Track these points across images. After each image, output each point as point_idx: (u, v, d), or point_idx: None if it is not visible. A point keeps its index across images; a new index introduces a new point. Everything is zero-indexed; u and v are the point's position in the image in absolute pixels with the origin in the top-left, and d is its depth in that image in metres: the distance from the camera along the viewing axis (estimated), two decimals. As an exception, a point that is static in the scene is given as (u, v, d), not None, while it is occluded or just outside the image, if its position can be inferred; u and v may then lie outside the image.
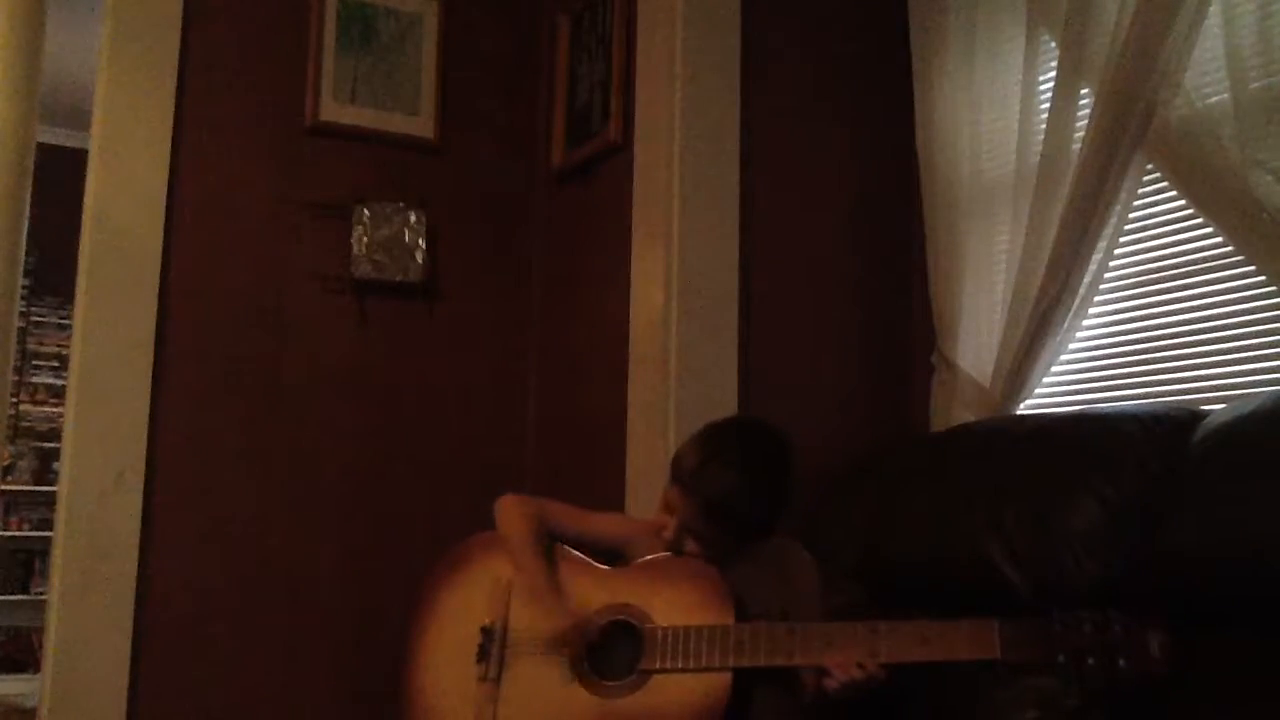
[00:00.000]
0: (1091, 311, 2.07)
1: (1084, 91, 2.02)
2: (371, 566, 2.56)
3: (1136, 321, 2.05)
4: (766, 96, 2.38)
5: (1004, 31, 2.27)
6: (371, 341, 2.63)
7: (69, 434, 2.33)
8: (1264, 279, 1.80)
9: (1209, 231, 1.90)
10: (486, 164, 2.82)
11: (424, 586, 1.85)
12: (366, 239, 2.59)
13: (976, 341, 2.25)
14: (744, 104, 2.34)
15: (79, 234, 2.39)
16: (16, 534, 5.63)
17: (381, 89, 2.67)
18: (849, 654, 1.51)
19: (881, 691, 1.52)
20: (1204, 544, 1.51)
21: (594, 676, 1.65)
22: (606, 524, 1.86)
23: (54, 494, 2.45)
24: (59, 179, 3.45)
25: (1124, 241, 2.03)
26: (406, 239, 2.63)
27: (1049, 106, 2.08)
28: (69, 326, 2.81)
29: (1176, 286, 1.97)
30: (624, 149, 2.46)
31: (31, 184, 2.42)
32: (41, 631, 2.46)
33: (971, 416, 2.21)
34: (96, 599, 2.28)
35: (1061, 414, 2.08)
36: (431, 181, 2.71)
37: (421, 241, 2.64)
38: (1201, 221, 1.91)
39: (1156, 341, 2.01)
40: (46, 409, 5.66)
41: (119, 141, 2.40)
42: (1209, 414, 1.69)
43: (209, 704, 2.39)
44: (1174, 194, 1.96)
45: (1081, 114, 2.02)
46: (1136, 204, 1.99)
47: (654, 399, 2.25)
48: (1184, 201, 1.94)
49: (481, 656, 1.72)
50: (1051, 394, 2.19)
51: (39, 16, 2.41)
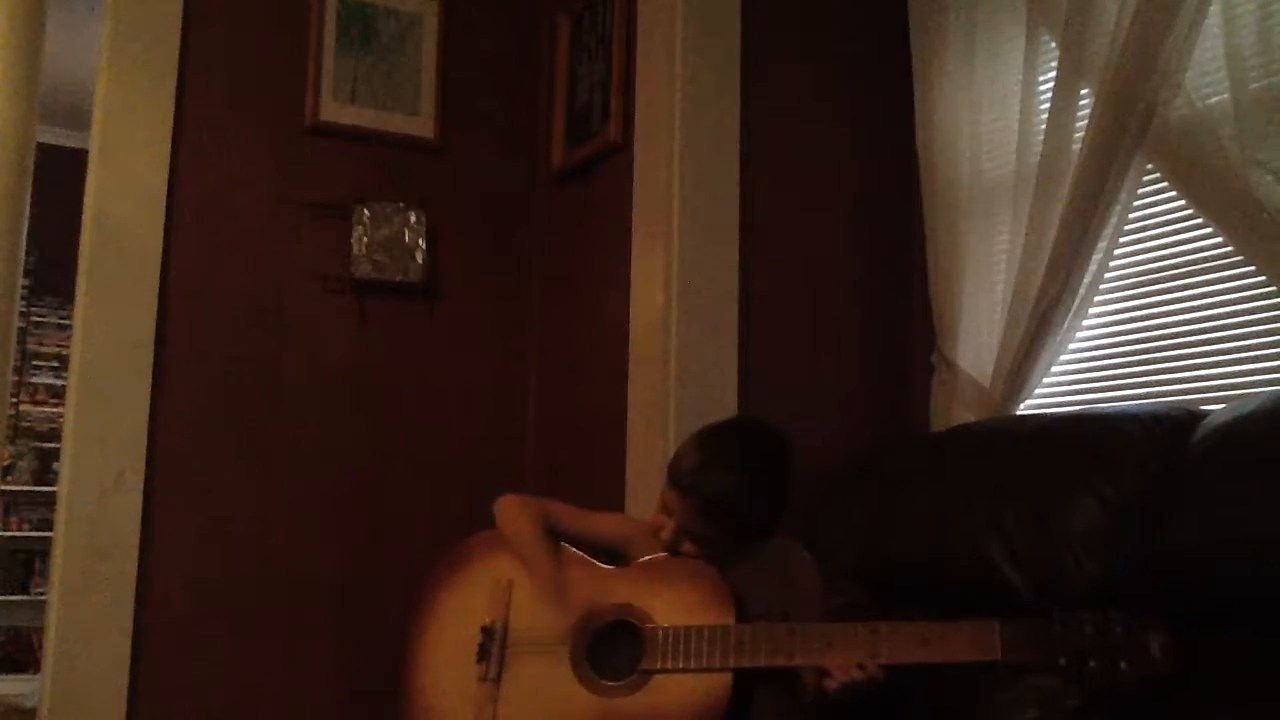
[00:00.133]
0: (1091, 312, 2.07)
1: (1084, 92, 2.02)
2: (371, 566, 2.56)
3: (1136, 322, 2.05)
4: (766, 96, 2.38)
5: (1004, 31, 2.27)
6: (371, 342, 2.63)
7: (69, 434, 2.33)
8: (1264, 279, 1.80)
9: (1209, 232, 1.90)
10: (486, 164, 2.81)
11: (424, 586, 1.85)
12: (366, 239, 2.59)
13: (976, 341, 2.25)
14: (744, 104, 2.34)
15: (79, 234, 2.39)
16: (16, 534, 5.62)
17: (381, 89, 2.67)
18: (849, 655, 1.51)
19: (882, 692, 1.52)
20: (1204, 544, 1.51)
21: (594, 676, 1.65)
22: (606, 524, 1.85)
23: (54, 494, 2.45)
24: (59, 179, 3.45)
25: (1124, 241, 2.03)
26: (406, 239, 2.63)
27: (1049, 106, 2.08)
28: (69, 327, 2.81)
29: (1176, 287, 1.97)
30: (624, 149, 2.46)
31: (31, 184, 2.42)
32: (41, 632, 2.46)
33: (971, 417, 2.21)
34: (96, 599, 2.28)
35: (1061, 414, 2.08)
36: (431, 181, 2.71)
37: (421, 241, 2.64)
38: (1201, 222, 1.91)
39: (1156, 342, 2.01)
40: (46, 409, 5.66)
41: (119, 141, 2.40)
42: (1209, 414, 1.69)
43: (209, 704, 2.39)
44: (1174, 194, 1.96)
45: (1081, 114, 2.02)
46: (1136, 204, 1.99)
47: (654, 399, 2.25)
48: (1184, 202, 1.94)
49: (482, 656, 1.72)
50: (1051, 394, 2.19)
51: (39, 16, 2.41)
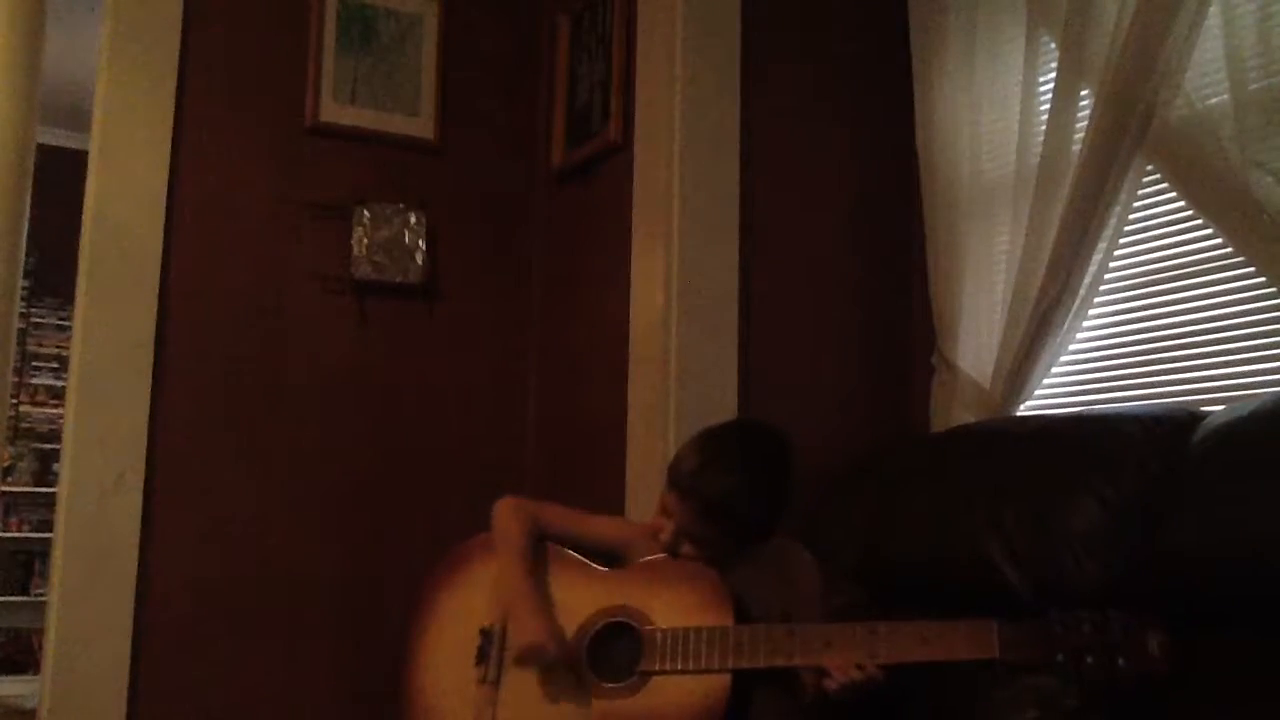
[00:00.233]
0: (1092, 312, 2.07)
1: (1084, 92, 2.02)
2: (371, 566, 2.56)
3: (1137, 323, 2.04)
4: (766, 96, 2.38)
5: (1004, 32, 2.27)
6: (371, 342, 2.63)
7: (69, 435, 2.33)
8: (1264, 280, 1.80)
9: (1209, 233, 1.90)
10: (486, 164, 2.81)
11: (424, 587, 1.85)
12: (366, 240, 2.59)
13: (976, 342, 2.25)
14: (744, 104, 2.34)
15: (79, 235, 2.39)
16: (16, 535, 5.62)
17: (381, 89, 2.67)
18: (848, 655, 1.51)
19: (881, 692, 1.51)
20: (1204, 544, 1.51)
21: (594, 678, 1.65)
22: (604, 527, 1.85)
23: (54, 495, 2.45)
24: (59, 180, 3.45)
25: (1124, 242, 2.03)
26: (406, 240, 2.63)
27: (1049, 107, 2.08)
28: (69, 327, 2.81)
29: (1176, 287, 1.97)
30: (624, 149, 2.46)
31: (31, 185, 2.42)
32: (41, 633, 2.46)
33: (971, 417, 2.21)
34: (96, 600, 2.28)
35: (1062, 415, 2.08)
36: (431, 182, 2.71)
37: (421, 242, 2.64)
38: (1201, 223, 1.91)
39: (1156, 343, 2.01)
40: (46, 410, 5.66)
41: (119, 142, 2.40)
42: (1209, 415, 1.69)
43: (209, 704, 2.39)
44: (1174, 195, 1.96)
45: (1081, 115, 2.02)
46: (1136, 205, 1.99)
47: (654, 399, 2.25)
48: (1183, 202, 1.93)
49: (481, 658, 1.72)
50: (1052, 395, 2.19)
51: (39, 17, 2.41)
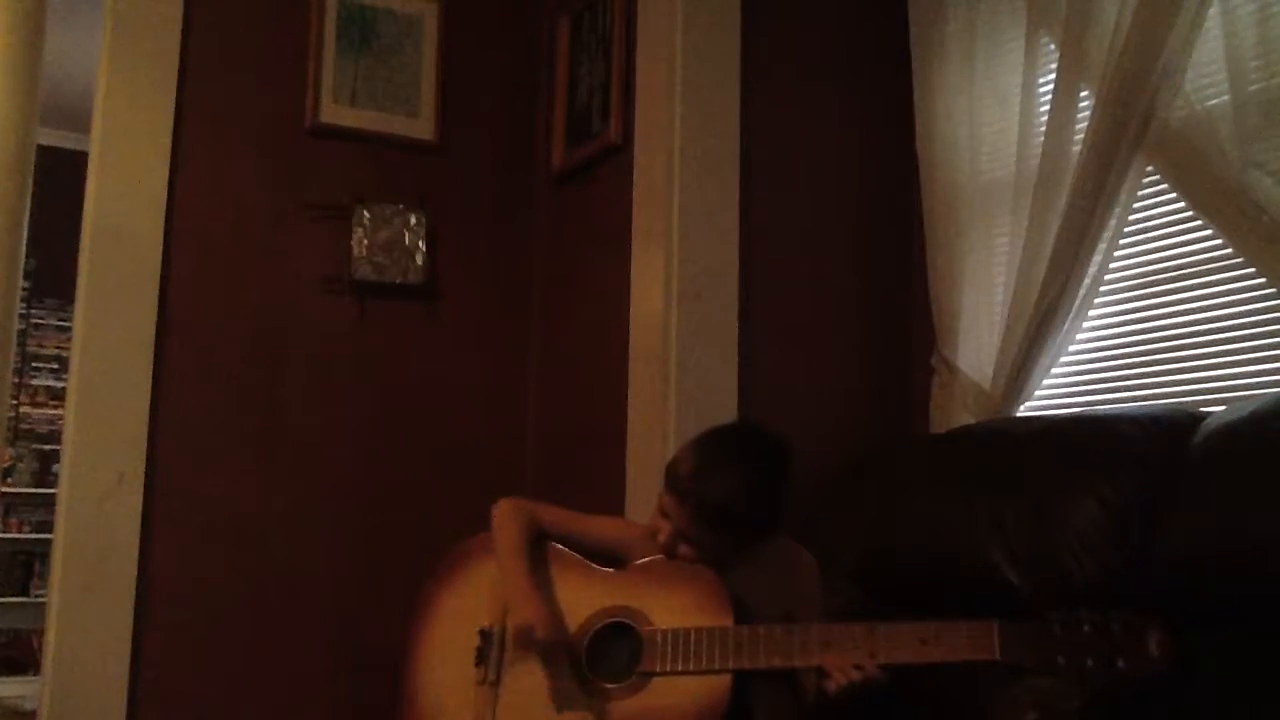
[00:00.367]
0: (1092, 313, 2.07)
1: (1084, 93, 2.02)
2: (372, 567, 2.56)
3: (1136, 323, 2.05)
4: (766, 97, 2.38)
5: (1004, 33, 2.28)
6: (372, 343, 2.63)
7: (69, 436, 2.33)
8: (1263, 280, 1.80)
9: (1208, 233, 1.90)
10: (486, 165, 2.81)
11: (424, 588, 1.84)
12: (367, 241, 2.59)
13: (977, 343, 2.25)
14: (744, 104, 2.34)
15: (79, 236, 2.39)
16: (16, 536, 5.63)
17: (382, 90, 2.67)
18: (848, 655, 1.51)
19: (881, 693, 1.51)
20: (1204, 544, 1.51)
21: (593, 679, 1.65)
22: (603, 527, 1.85)
23: (54, 496, 2.45)
24: (59, 180, 3.45)
25: (1124, 243, 2.03)
26: (406, 240, 2.63)
27: (1049, 107, 2.08)
28: (69, 328, 2.81)
29: (1176, 288, 1.97)
30: (624, 150, 2.46)
31: (32, 185, 2.42)
32: (41, 634, 2.46)
33: (972, 418, 2.21)
34: (96, 601, 2.28)
35: (1062, 416, 2.08)
36: (431, 183, 2.71)
37: (421, 243, 2.64)
38: (1201, 223, 1.91)
39: (1156, 343, 2.01)
40: (46, 411, 5.66)
41: (119, 143, 2.40)
42: (1209, 415, 1.69)
43: (209, 705, 2.38)
44: (1173, 196, 1.96)
45: (1081, 115, 2.02)
46: (1136, 205, 1.99)
47: (654, 399, 2.25)
48: (1183, 203, 1.93)
49: (480, 659, 1.72)
50: (1052, 396, 2.19)
51: (39, 17, 2.41)
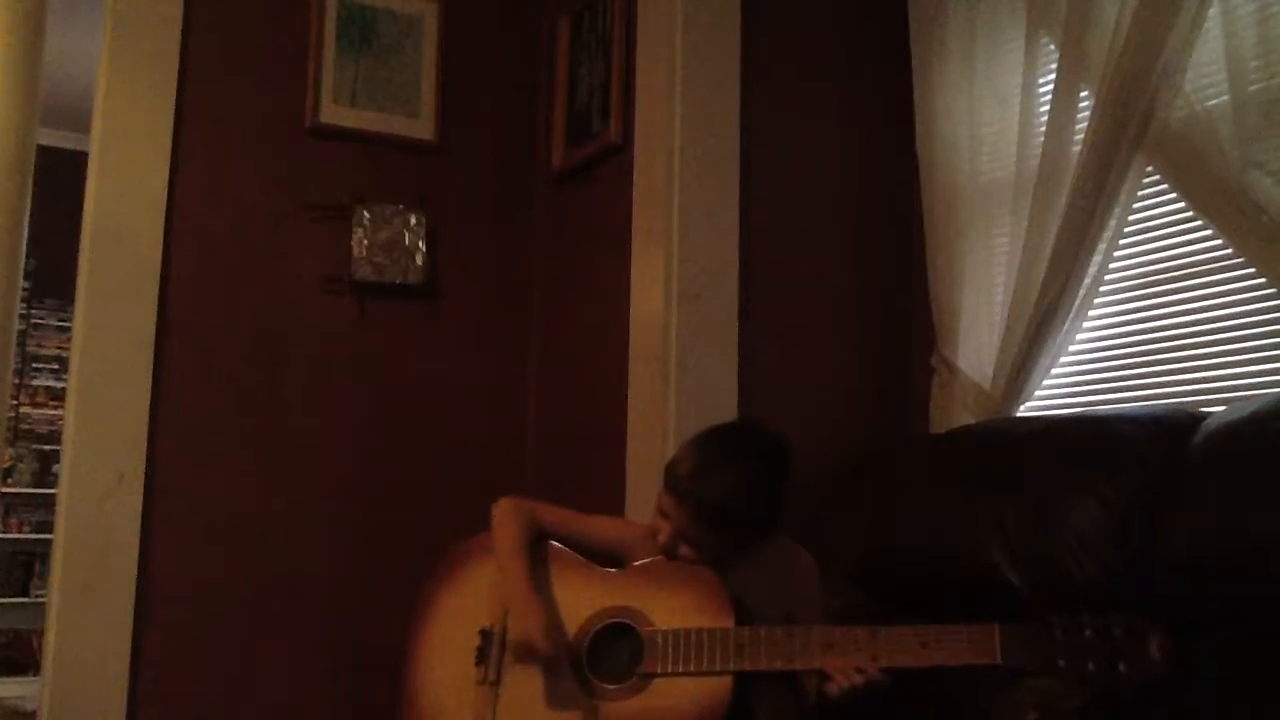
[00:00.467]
0: (1092, 313, 2.07)
1: (1083, 93, 2.02)
2: (372, 567, 2.56)
3: (1137, 324, 2.04)
4: (766, 96, 2.38)
5: (1004, 33, 2.27)
6: (372, 343, 2.63)
7: (69, 436, 2.33)
8: (1263, 281, 1.80)
9: (1208, 233, 1.90)
10: (487, 165, 2.81)
11: (424, 587, 1.84)
12: (367, 241, 2.59)
13: (977, 343, 2.25)
14: (744, 104, 2.34)
15: (79, 236, 2.38)
16: (16, 536, 5.62)
17: (381, 90, 2.67)
18: (849, 657, 1.51)
19: (883, 696, 1.51)
20: (1204, 545, 1.51)
21: (594, 679, 1.64)
22: (603, 527, 1.85)
23: (54, 496, 2.45)
24: (59, 181, 3.45)
25: (1124, 243, 2.03)
26: (406, 241, 2.63)
27: (1049, 108, 2.08)
28: (69, 329, 2.81)
29: (1176, 288, 1.97)
30: (624, 150, 2.46)
31: (32, 186, 2.42)
32: (41, 634, 2.46)
33: (972, 418, 2.21)
34: (97, 601, 2.28)
35: (1062, 416, 2.08)
36: (432, 183, 2.71)
37: (421, 243, 2.64)
38: (1201, 224, 1.91)
39: (1156, 344, 2.01)
40: (47, 411, 5.66)
41: (119, 143, 2.39)
42: (1209, 415, 1.69)
43: (209, 705, 2.39)
44: (1173, 196, 1.96)
45: (1081, 116, 2.02)
46: (1136, 205, 1.99)
47: (654, 399, 2.25)
48: (1183, 203, 1.93)
49: (481, 659, 1.72)
50: (1052, 396, 2.19)
51: (39, 17, 2.41)
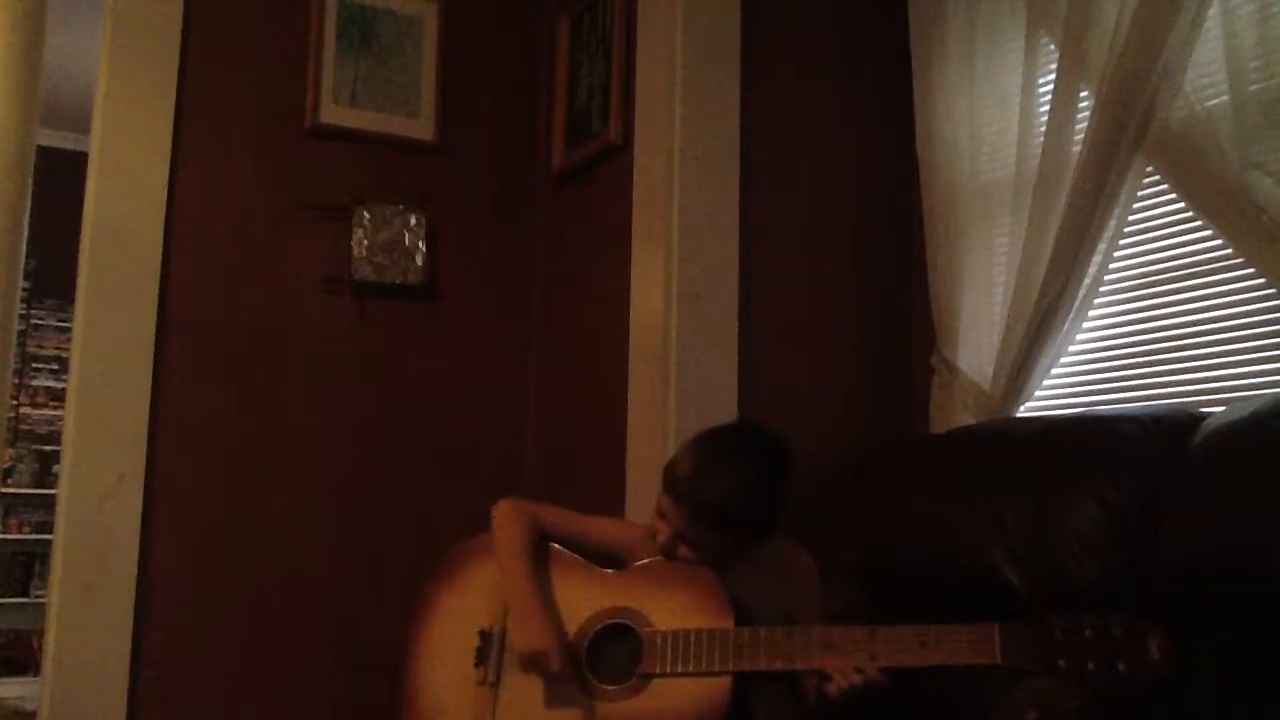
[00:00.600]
0: (1092, 313, 2.07)
1: (1083, 93, 2.02)
2: (372, 567, 2.56)
3: (1137, 324, 2.04)
4: (766, 96, 2.38)
5: (1004, 33, 2.28)
6: (372, 343, 2.63)
7: (69, 437, 2.33)
8: (1263, 281, 1.80)
9: (1208, 234, 1.90)
10: (487, 165, 2.81)
11: (424, 588, 1.84)
12: (367, 241, 2.58)
13: (977, 343, 2.25)
14: (744, 104, 2.34)
15: (79, 236, 2.38)
16: (16, 537, 5.63)
17: (381, 91, 2.67)
18: (848, 658, 1.51)
19: (883, 696, 1.51)
20: (1204, 545, 1.51)
21: (593, 680, 1.64)
22: (604, 528, 1.84)
23: (54, 497, 2.45)
24: (59, 181, 3.45)
25: (1124, 243, 2.03)
26: (406, 241, 2.63)
27: (1049, 108, 2.08)
28: (69, 329, 2.81)
29: (1176, 289, 1.97)
30: (624, 150, 2.46)
31: (32, 186, 2.42)
32: (41, 634, 2.46)
33: (972, 418, 2.21)
34: (97, 601, 2.28)
35: (1062, 416, 2.08)
36: (432, 183, 2.71)
37: (421, 243, 2.64)
38: (1201, 224, 1.91)
39: (1156, 344, 2.01)
40: (46, 412, 5.67)
41: (119, 144, 2.39)
42: (1209, 415, 1.69)
43: (209, 705, 2.38)
44: (1173, 196, 1.96)
45: (1081, 116, 2.02)
46: (1136, 205, 1.99)
47: (654, 399, 2.25)
48: (1183, 203, 1.93)
49: (480, 660, 1.72)
50: (1052, 396, 2.19)
51: (39, 17, 2.41)
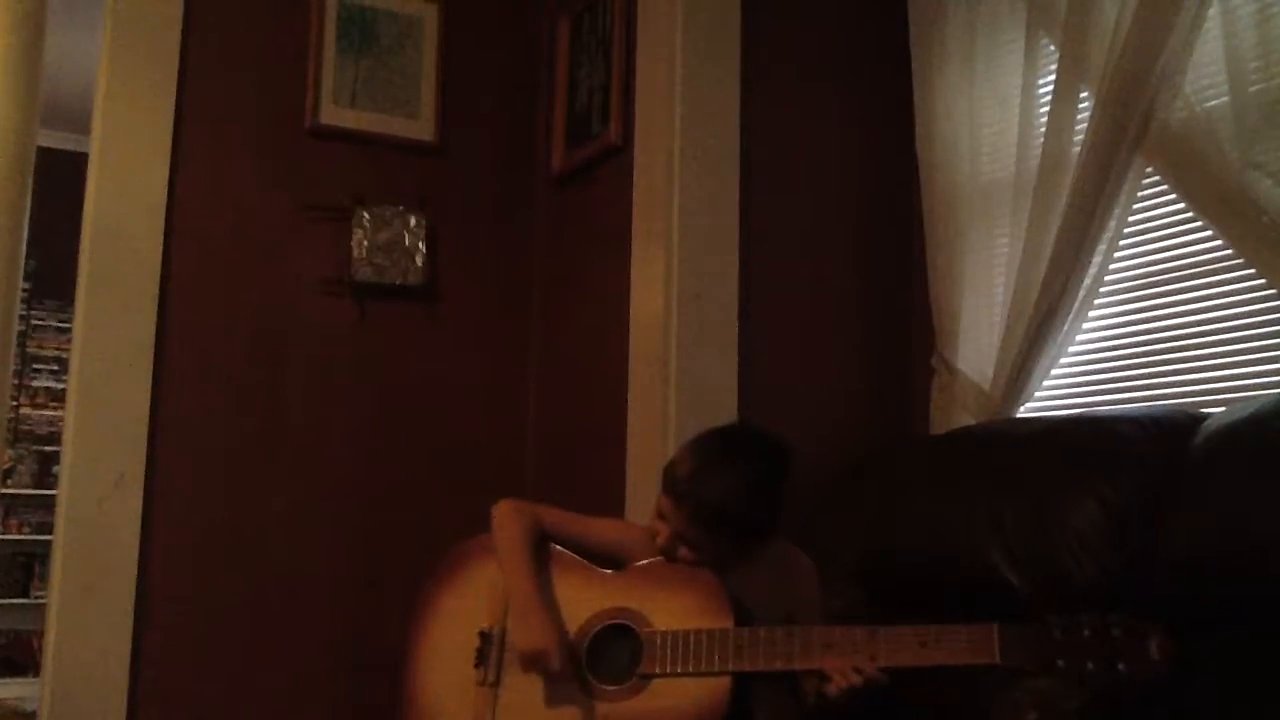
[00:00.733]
0: (1092, 314, 2.07)
1: (1083, 94, 2.02)
2: (371, 568, 2.56)
3: (1136, 324, 2.04)
4: (766, 97, 2.38)
5: (1004, 34, 2.28)
6: (372, 344, 2.63)
7: (69, 437, 2.33)
8: (1263, 282, 1.80)
9: (1208, 234, 1.90)
10: (487, 166, 2.81)
11: (424, 589, 1.84)
12: (366, 242, 2.59)
13: (977, 344, 2.25)
14: (744, 105, 2.34)
15: (79, 237, 2.39)
16: (16, 537, 5.63)
17: (381, 91, 2.67)
18: (849, 658, 1.51)
19: (882, 695, 1.51)
20: (1203, 545, 1.51)
21: (593, 680, 1.64)
22: (603, 529, 1.84)
23: (54, 497, 2.45)
24: (59, 182, 3.45)
25: (1124, 244, 2.03)
26: (406, 242, 2.63)
27: (1048, 109, 2.08)
28: (69, 329, 2.81)
29: (1176, 289, 1.97)
30: (624, 151, 2.46)
31: (32, 187, 2.42)
32: (41, 635, 2.46)
33: (972, 419, 2.21)
34: (96, 602, 2.28)
35: (1062, 417, 2.08)
36: (432, 184, 2.71)
37: (421, 244, 2.64)
38: (1201, 225, 1.91)
39: (1156, 344, 2.01)
40: (46, 412, 5.67)
41: (119, 145, 2.40)
42: (1209, 416, 1.69)
43: (209, 705, 2.39)
44: (1173, 197, 1.96)
45: (1081, 116, 2.02)
46: (1136, 206, 1.99)
47: (654, 400, 2.25)
48: (1183, 204, 1.93)
49: (480, 660, 1.72)
50: (1052, 397, 2.19)
51: (39, 18, 2.41)
